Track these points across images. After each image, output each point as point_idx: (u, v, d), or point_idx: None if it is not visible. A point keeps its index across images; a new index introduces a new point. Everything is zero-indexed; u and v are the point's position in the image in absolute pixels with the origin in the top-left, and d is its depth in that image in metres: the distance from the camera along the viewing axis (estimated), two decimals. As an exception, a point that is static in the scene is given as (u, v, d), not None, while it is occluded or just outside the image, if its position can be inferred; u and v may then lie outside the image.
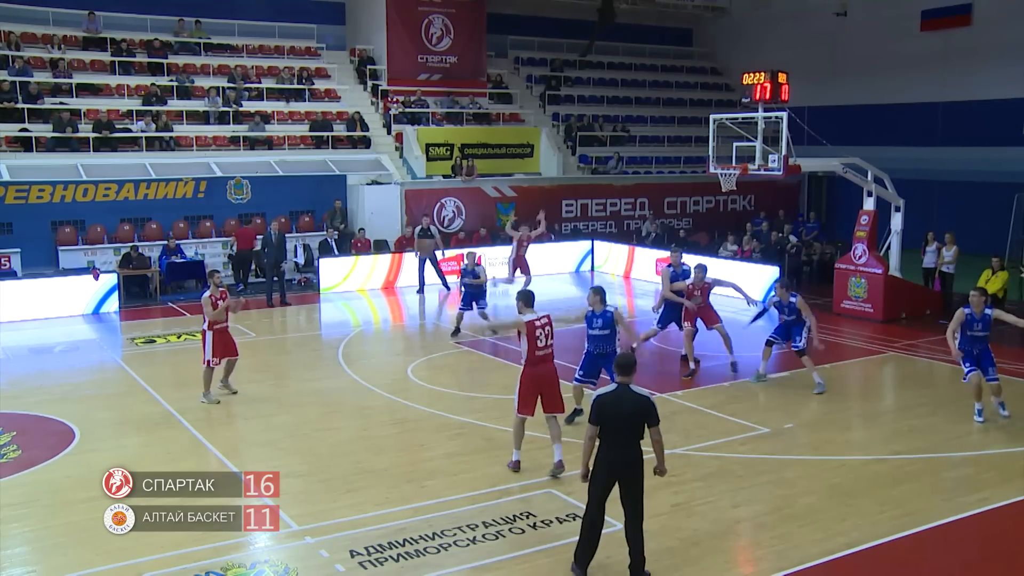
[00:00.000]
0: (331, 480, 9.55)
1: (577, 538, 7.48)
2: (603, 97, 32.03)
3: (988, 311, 11.51)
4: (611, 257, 24.41)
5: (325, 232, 22.42)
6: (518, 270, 19.22)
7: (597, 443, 7.28)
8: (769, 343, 13.38)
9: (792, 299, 13.00)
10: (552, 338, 9.54)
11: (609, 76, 33.04)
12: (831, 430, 11.30)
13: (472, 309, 16.22)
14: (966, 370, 11.51)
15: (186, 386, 13.25)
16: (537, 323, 9.44)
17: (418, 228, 21.31)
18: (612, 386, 7.35)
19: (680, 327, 14.10)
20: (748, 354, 13.95)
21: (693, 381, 13.43)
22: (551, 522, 8.44)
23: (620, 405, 7.18)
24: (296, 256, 22.19)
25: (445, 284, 20.97)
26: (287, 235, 21.17)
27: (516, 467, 9.68)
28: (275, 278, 19.55)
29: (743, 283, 15.36)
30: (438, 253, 21.10)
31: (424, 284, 20.85)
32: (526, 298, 9.80)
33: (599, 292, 10.90)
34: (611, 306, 10.85)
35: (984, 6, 26.79)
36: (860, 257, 17.97)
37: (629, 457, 7.20)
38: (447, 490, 9.21)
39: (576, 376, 11.08)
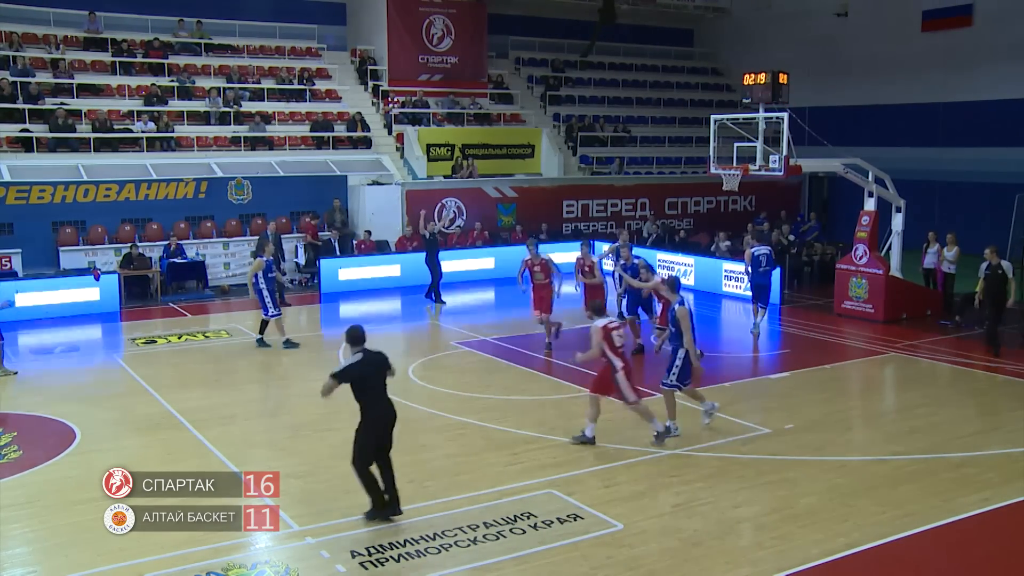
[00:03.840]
0: (332, 480, 9.54)
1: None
2: (604, 97, 32.03)
3: (678, 305, 10.75)
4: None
5: (328, 232, 22.44)
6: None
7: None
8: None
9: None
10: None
11: (610, 76, 33.06)
12: (832, 431, 11.29)
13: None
14: None
15: (187, 387, 13.26)
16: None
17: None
18: (357, 356, 8.35)
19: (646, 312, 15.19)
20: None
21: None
22: (551, 522, 8.44)
23: (368, 367, 8.34)
24: (296, 256, 22.21)
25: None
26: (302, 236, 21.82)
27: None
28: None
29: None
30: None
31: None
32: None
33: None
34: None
35: (984, 6, 26.80)
36: (861, 258, 17.96)
37: (392, 409, 8.44)
38: (448, 490, 9.21)
39: None
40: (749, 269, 16.85)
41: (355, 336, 8.48)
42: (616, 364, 10.34)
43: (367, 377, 8.33)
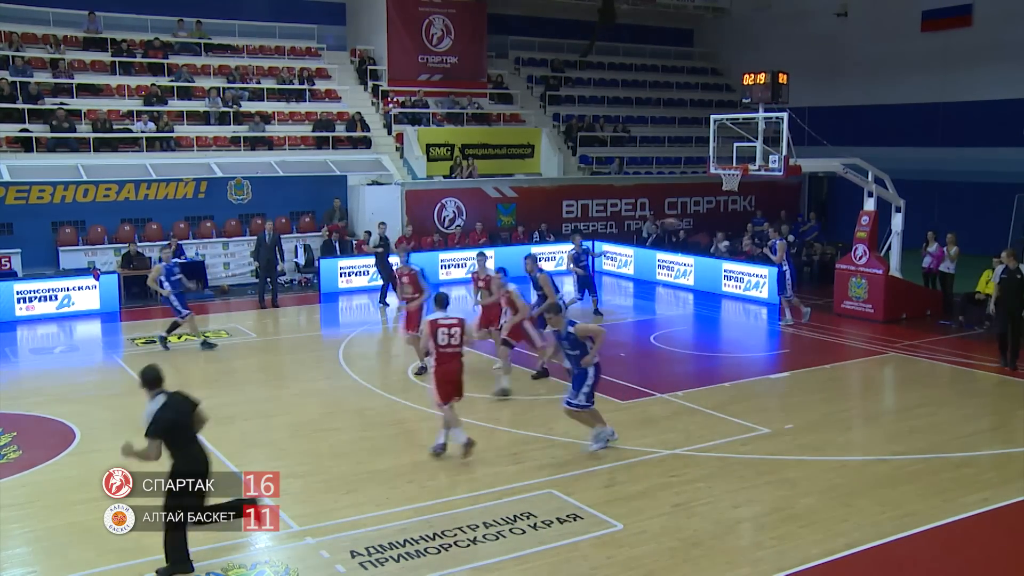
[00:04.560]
0: (332, 480, 9.55)
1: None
2: (604, 97, 32.04)
3: (571, 328, 10.14)
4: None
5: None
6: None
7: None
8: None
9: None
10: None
11: (610, 76, 33.07)
12: (831, 431, 11.29)
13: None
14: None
15: (187, 387, 13.14)
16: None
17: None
18: (159, 399, 7.35)
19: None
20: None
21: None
22: (551, 522, 8.43)
23: (176, 411, 7.35)
24: (296, 256, 22.20)
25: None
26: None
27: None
28: (268, 279, 19.49)
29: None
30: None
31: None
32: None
33: None
34: None
35: (984, 6, 26.81)
36: (861, 258, 17.97)
37: (207, 458, 7.45)
38: (448, 490, 9.21)
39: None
40: (785, 260, 17.26)
41: (151, 378, 7.46)
42: (431, 362, 10.28)
43: (178, 421, 7.32)
